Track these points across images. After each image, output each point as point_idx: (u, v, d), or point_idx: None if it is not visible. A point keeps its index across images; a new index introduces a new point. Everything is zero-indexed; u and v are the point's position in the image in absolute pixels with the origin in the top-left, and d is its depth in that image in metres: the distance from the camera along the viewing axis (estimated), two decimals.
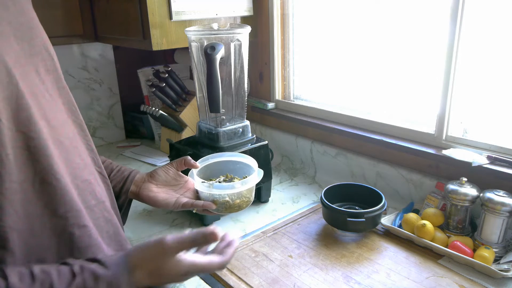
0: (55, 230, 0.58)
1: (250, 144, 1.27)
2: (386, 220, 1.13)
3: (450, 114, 1.17)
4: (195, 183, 0.89)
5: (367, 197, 1.17)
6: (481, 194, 1.02)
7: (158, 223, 1.25)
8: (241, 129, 1.27)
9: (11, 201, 0.53)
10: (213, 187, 0.87)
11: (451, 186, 1.06)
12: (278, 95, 1.69)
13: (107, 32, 1.60)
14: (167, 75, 1.69)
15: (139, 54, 2.04)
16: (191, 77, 1.78)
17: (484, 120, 1.15)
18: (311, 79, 1.61)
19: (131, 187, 0.86)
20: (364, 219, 1.06)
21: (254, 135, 1.31)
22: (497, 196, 0.99)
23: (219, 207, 0.87)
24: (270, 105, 1.68)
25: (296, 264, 1.01)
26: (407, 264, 1.00)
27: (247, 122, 1.29)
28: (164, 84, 1.68)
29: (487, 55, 1.09)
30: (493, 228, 1.00)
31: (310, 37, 1.56)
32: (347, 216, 1.07)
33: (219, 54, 1.10)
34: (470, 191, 1.04)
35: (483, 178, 1.08)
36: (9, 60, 0.53)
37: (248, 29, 1.20)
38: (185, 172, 0.92)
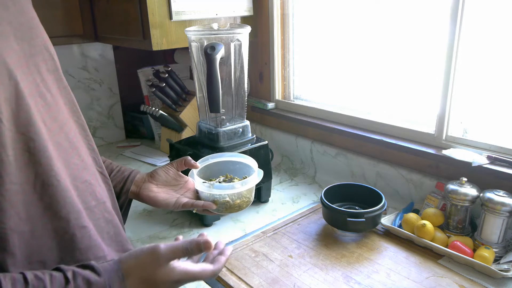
0: (57, 232, 0.58)
1: (250, 144, 1.27)
2: (386, 220, 1.13)
3: (450, 114, 1.17)
4: (195, 183, 0.89)
5: (367, 197, 1.17)
6: (481, 194, 1.02)
7: (158, 223, 1.25)
8: (241, 129, 1.27)
9: (11, 202, 0.53)
10: (213, 187, 0.87)
11: (451, 186, 1.06)
12: (278, 95, 1.69)
13: (107, 32, 1.60)
14: (167, 75, 1.69)
15: (139, 54, 2.04)
16: (191, 77, 1.78)
17: (484, 120, 1.15)
18: (311, 79, 1.61)
19: (131, 187, 0.86)
20: (364, 219, 1.06)
21: (254, 135, 1.31)
22: (497, 196, 0.99)
23: (219, 207, 0.87)
24: (270, 105, 1.68)
25: (296, 264, 1.01)
26: (407, 264, 1.00)
27: (247, 122, 1.29)
28: (164, 84, 1.68)
29: (487, 55, 1.09)
30: (493, 228, 1.00)
31: (310, 37, 1.56)
32: (347, 216, 1.07)
33: (219, 54, 1.10)
34: (470, 191, 1.04)
35: (483, 178, 1.08)
36: (10, 60, 0.53)
37: (248, 29, 1.19)
38: (185, 172, 0.92)
